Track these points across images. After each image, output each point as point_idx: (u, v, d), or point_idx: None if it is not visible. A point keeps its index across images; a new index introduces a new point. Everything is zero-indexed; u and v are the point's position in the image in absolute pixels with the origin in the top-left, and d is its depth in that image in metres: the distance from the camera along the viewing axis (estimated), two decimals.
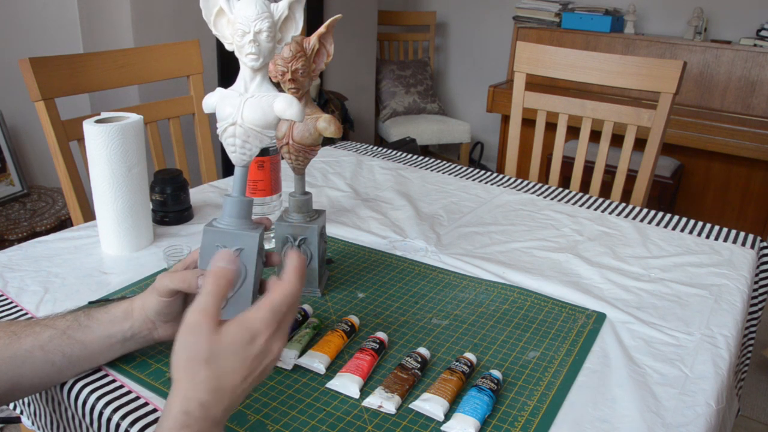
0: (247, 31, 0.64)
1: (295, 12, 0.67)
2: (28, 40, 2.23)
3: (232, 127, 0.65)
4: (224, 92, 0.67)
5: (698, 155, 2.87)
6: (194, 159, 1.53)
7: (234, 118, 0.65)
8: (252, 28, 0.64)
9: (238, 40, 0.65)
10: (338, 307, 0.83)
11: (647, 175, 1.45)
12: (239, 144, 0.65)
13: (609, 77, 1.48)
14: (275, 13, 0.65)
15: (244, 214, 0.65)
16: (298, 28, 0.68)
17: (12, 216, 2.08)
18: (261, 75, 0.66)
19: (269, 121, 0.65)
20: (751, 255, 1.03)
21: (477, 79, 3.79)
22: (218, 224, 0.64)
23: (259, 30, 0.64)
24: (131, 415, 0.62)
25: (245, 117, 0.65)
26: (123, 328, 0.65)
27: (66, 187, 1.23)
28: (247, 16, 0.63)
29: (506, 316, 0.82)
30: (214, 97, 0.67)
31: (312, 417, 0.63)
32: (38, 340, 0.62)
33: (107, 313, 0.65)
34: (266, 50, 0.65)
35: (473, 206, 1.21)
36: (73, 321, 0.64)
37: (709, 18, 2.99)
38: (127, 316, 0.65)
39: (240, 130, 0.65)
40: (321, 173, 1.36)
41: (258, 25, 0.64)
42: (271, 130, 0.66)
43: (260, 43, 0.64)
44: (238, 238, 0.63)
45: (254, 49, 0.64)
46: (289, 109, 0.65)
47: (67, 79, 1.23)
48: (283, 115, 0.65)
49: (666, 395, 0.68)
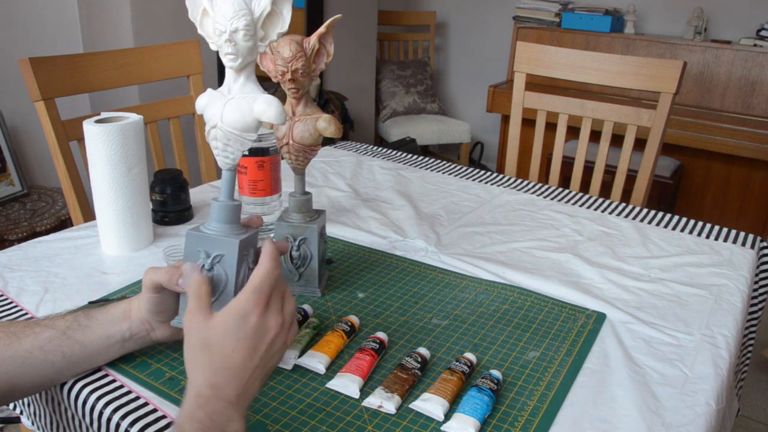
0: (224, 30, 0.61)
1: (281, 7, 0.63)
2: (28, 40, 2.23)
3: (214, 130, 0.64)
4: (212, 93, 0.65)
5: (698, 155, 2.87)
6: (194, 159, 1.53)
7: (215, 120, 0.63)
8: (228, 27, 0.61)
9: (216, 39, 0.62)
10: (338, 307, 0.83)
11: (647, 175, 1.45)
12: (221, 147, 0.64)
13: (609, 77, 1.48)
14: (255, 9, 0.62)
15: (230, 218, 0.63)
16: (284, 25, 0.64)
17: (12, 216, 2.08)
18: (244, 75, 0.64)
19: (248, 123, 0.63)
20: (751, 255, 1.03)
21: (477, 79, 3.79)
22: (204, 229, 0.63)
23: (235, 29, 0.61)
24: (131, 415, 0.62)
25: (224, 120, 0.63)
26: (122, 329, 0.65)
27: (66, 187, 1.23)
28: (224, 14, 0.61)
29: (506, 316, 0.82)
30: (204, 98, 0.66)
31: (312, 417, 0.63)
32: (38, 340, 0.62)
33: (106, 314, 0.65)
34: (244, 50, 0.62)
35: (473, 206, 1.21)
36: (73, 321, 0.64)
37: (709, 18, 2.99)
38: (126, 317, 0.65)
39: (220, 133, 0.63)
40: (321, 173, 1.36)
41: (234, 24, 0.60)
42: (252, 132, 0.63)
43: (237, 43, 0.61)
44: (219, 244, 0.62)
45: (231, 49, 0.61)
46: (268, 111, 0.62)
47: (67, 79, 1.23)
48: (262, 117, 0.62)
49: (666, 395, 0.68)
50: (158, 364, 0.69)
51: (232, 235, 0.62)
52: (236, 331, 0.55)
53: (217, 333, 0.55)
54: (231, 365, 0.54)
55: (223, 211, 0.63)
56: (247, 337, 0.55)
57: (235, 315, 0.56)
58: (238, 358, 0.55)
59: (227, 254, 0.62)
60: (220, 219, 0.63)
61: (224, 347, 0.55)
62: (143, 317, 0.65)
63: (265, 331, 0.57)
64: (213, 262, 0.62)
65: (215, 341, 0.55)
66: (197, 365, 0.55)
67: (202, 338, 0.55)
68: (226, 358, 0.55)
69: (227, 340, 0.55)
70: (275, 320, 0.57)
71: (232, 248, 0.61)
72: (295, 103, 0.81)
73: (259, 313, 0.56)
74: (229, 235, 0.62)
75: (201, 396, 0.53)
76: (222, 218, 0.63)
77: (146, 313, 0.65)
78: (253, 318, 0.56)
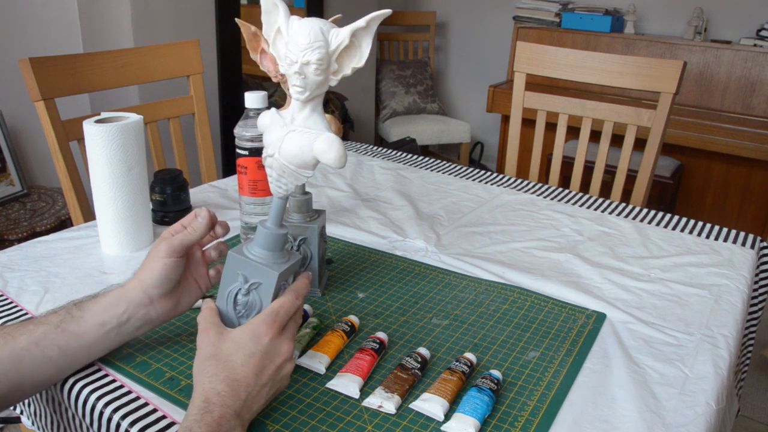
0: (295, 61, 0.56)
1: (361, 41, 0.58)
2: (28, 40, 2.23)
3: (270, 159, 0.61)
4: (275, 117, 0.61)
5: (698, 155, 2.87)
6: (194, 159, 1.53)
7: (273, 149, 0.60)
8: (300, 58, 0.56)
9: (286, 68, 0.58)
10: (338, 307, 0.83)
11: (647, 175, 1.45)
12: (275, 177, 0.62)
13: (609, 77, 1.48)
14: (333, 41, 0.57)
15: (274, 246, 0.62)
16: (362, 60, 0.59)
17: (12, 216, 2.08)
18: (310, 107, 0.60)
19: (306, 161, 0.59)
20: (751, 255, 1.03)
21: (477, 79, 3.79)
22: (247, 252, 0.63)
23: (307, 61, 0.56)
24: (131, 415, 0.62)
25: (282, 152, 0.60)
26: (117, 313, 0.64)
27: (66, 187, 1.23)
28: (298, 44, 0.56)
29: (506, 316, 0.82)
30: (267, 118, 0.62)
31: (312, 417, 0.63)
32: (32, 336, 0.62)
33: (98, 303, 0.65)
34: (314, 84, 0.57)
35: (473, 206, 1.21)
36: (66, 314, 0.64)
37: (709, 18, 2.99)
38: (121, 301, 0.65)
39: (276, 164, 0.61)
40: (321, 173, 1.36)
41: (307, 56, 0.56)
42: (309, 170, 0.60)
43: (307, 76, 0.57)
44: (259, 272, 0.62)
45: (299, 82, 0.57)
46: (329, 152, 0.57)
47: (67, 79, 1.23)
48: (321, 158, 0.58)
49: (666, 395, 0.68)
50: (158, 364, 0.69)
51: (274, 264, 0.62)
52: (248, 347, 0.58)
53: (230, 347, 0.58)
54: (239, 378, 0.57)
55: (268, 238, 0.62)
56: (256, 354, 0.58)
57: (248, 333, 0.59)
58: (247, 372, 0.57)
59: (265, 283, 0.62)
60: (264, 246, 0.63)
61: (235, 360, 0.57)
62: (145, 293, 0.65)
63: (276, 353, 0.59)
64: (250, 288, 0.62)
65: (227, 354, 0.58)
66: (207, 374, 0.57)
67: (214, 350, 0.58)
68: (236, 371, 0.57)
69: (238, 354, 0.58)
70: (287, 346, 0.61)
71: (270, 278, 0.61)
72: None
73: (271, 335, 0.59)
74: (271, 264, 0.62)
75: (209, 402, 0.54)
76: (266, 245, 0.63)
77: (155, 283, 0.65)
78: (266, 339, 0.59)
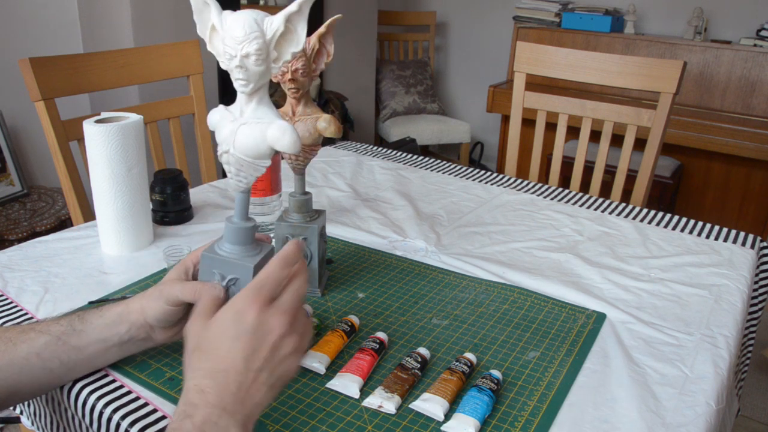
0: (234, 55, 0.57)
1: (296, 25, 0.58)
2: (28, 40, 2.23)
3: (226, 155, 0.61)
4: (224, 112, 0.62)
5: (698, 155, 2.87)
6: (194, 159, 1.53)
7: (227, 145, 0.61)
8: (238, 51, 0.56)
9: (226, 63, 0.58)
10: (338, 307, 0.83)
11: (647, 175, 1.45)
12: (234, 172, 0.62)
13: (609, 77, 1.48)
14: (268, 30, 0.57)
15: (243, 240, 0.62)
16: (299, 44, 0.59)
17: (12, 216, 2.08)
18: (256, 99, 0.60)
19: (262, 151, 0.60)
20: (751, 255, 1.03)
21: (477, 79, 3.79)
22: (218, 249, 0.63)
23: (246, 54, 0.56)
24: (131, 415, 0.61)
25: (237, 146, 0.60)
26: (119, 332, 0.63)
27: (66, 187, 1.23)
28: (234, 37, 0.56)
29: (506, 316, 0.82)
30: (216, 115, 0.63)
31: (312, 417, 0.63)
32: (33, 347, 0.60)
33: (102, 317, 0.63)
34: (256, 74, 0.58)
35: (473, 206, 1.21)
36: (68, 326, 0.62)
37: (709, 18, 2.99)
38: (123, 320, 0.63)
39: (233, 159, 0.61)
40: (321, 173, 1.36)
41: (245, 48, 0.56)
42: (266, 159, 0.61)
43: (248, 68, 0.57)
44: (233, 267, 0.61)
45: (242, 75, 0.58)
46: (282, 139, 0.59)
47: (67, 79, 1.23)
48: (276, 145, 0.59)
49: (666, 395, 0.68)
50: (158, 364, 0.69)
51: (247, 257, 0.62)
52: (231, 329, 0.51)
53: (212, 333, 0.52)
54: (226, 367, 0.50)
55: (237, 233, 0.62)
56: (242, 337, 0.51)
57: (230, 314, 0.52)
58: (234, 358, 0.50)
59: (242, 278, 0.61)
60: (233, 240, 0.62)
61: (218, 348, 0.51)
62: (146, 321, 0.63)
63: (266, 330, 0.52)
64: (228, 285, 0.61)
65: (209, 342, 0.51)
66: (190, 369, 0.51)
67: (197, 340, 0.52)
68: (220, 360, 0.50)
69: (222, 340, 0.51)
70: (279, 320, 0.52)
71: (246, 272, 0.61)
72: (295, 103, 0.82)
73: (257, 310, 0.51)
74: (243, 257, 0.62)
75: (190, 404, 0.48)
76: (236, 240, 0.62)
77: (153, 320, 0.62)
78: (251, 315, 0.51)
